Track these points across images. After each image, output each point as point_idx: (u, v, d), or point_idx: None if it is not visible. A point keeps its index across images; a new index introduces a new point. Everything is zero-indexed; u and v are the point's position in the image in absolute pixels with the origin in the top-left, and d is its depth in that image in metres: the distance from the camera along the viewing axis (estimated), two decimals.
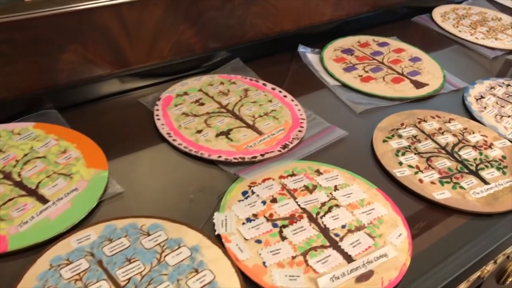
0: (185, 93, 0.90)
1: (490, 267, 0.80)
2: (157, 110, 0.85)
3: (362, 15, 1.22)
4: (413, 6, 1.33)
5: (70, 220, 0.64)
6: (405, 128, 0.87)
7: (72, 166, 0.72)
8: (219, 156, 0.76)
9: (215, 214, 0.67)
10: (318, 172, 0.76)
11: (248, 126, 0.84)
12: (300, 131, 0.84)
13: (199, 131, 0.81)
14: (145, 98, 0.88)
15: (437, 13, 1.34)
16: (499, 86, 1.04)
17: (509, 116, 0.94)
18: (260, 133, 0.82)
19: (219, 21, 0.97)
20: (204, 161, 0.76)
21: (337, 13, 1.17)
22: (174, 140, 0.79)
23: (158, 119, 0.83)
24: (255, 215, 0.67)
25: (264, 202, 0.69)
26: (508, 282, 0.95)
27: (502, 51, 1.19)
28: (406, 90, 0.98)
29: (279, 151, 0.79)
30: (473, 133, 0.88)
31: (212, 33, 0.98)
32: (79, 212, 0.65)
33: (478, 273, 0.75)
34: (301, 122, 0.86)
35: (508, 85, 1.05)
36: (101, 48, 0.84)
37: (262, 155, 0.77)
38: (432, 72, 1.05)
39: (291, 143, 0.81)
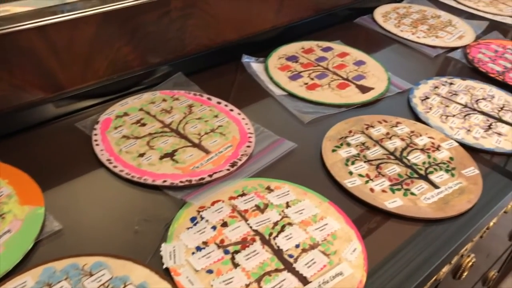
0: (125, 114, 0.85)
1: (445, 268, 0.80)
2: (96, 134, 0.80)
3: (305, 20, 1.21)
4: (354, 7, 1.33)
5: (3, 267, 0.59)
6: (353, 135, 0.86)
7: (4, 204, 0.67)
8: (164, 181, 0.72)
9: (163, 245, 0.63)
10: (269, 189, 0.74)
11: (194, 145, 0.80)
12: (248, 146, 0.82)
13: (142, 155, 0.77)
14: (82, 122, 0.83)
15: (379, 13, 1.35)
16: (443, 85, 1.05)
17: (454, 116, 0.95)
18: (207, 151, 0.79)
19: (157, 36, 0.93)
20: (149, 187, 0.72)
21: (280, 20, 1.16)
22: (115, 166, 0.74)
23: (97, 144, 0.78)
24: (205, 243, 0.64)
25: (214, 228, 0.66)
26: (463, 276, 0.96)
27: (443, 49, 1.21)
28: (352, 95, 0.98)
29: (228, 170, 0.76)
30: (420, 135, 0.88)
31: (150, 48, 0.93)
32: (13, 256, 0.60)
33: (434, 277, 0.75)
34: (249, 137, 0.84)
35: (451, 83, 1.06)
36: (29, 73, 0.79)
37: (210, 175, 0.74)
38: (376, 75, 1.05)
39: (240, 160, 0.78)
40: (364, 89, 1.00)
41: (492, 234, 1.00)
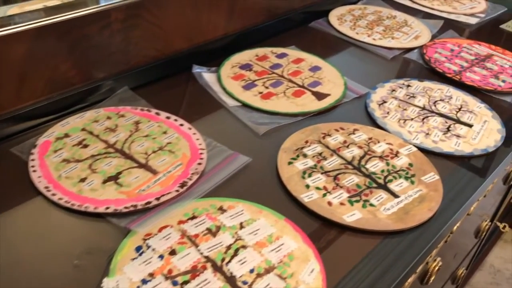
0: (66, 135, 0.80)
1: (411, 279, 0.77)
2: (33, 159, 0.74)
3: (258, 26, 1.17)
4: (309, 11, 1.30)
5: None
6: (309, 145, 0.83)
7: None
8: (107, 208, 0.67)
9: (104, 280, 0.58)
10: (222, 210, 0.69)
11: (140, 165, 0.75)
12: (199, 163, 0.77)
13: (83, 180, 0.71)
14: (19, 147, 0.77)
15: (334, 16, 1.33)
16: (400, 87, 1.03)
17: (412, 119, 0.93)
18: (154, 172, 0.74)
19: (99, 50, 0.87)
20: (90, 215, 0.67)
21: (232, 26, 1.11)
22: (53, 194, 0.69)
23: (34, 170, 0.72)
24: (151, 275, 0.59)
25: (161, 257, 0.61)
26: (431, 281, 0.94)
27: (399, 50, 1.20)
28: (308, 103, 0.94)
29: (177, 191, 0.71)
30: (379, 142, 0.86)
31: (92, 63, 0.88)
32: None
33: None
34: (201, 153, 0.79)
35: (408, 85, 1.04)
36: None
37: (157, 198, 0.70)
38: (332, 81, 1.02)
39: (190, 179, 0.74)
40: (320, 96, 0.97)
41: (459, 233, 0.98)
